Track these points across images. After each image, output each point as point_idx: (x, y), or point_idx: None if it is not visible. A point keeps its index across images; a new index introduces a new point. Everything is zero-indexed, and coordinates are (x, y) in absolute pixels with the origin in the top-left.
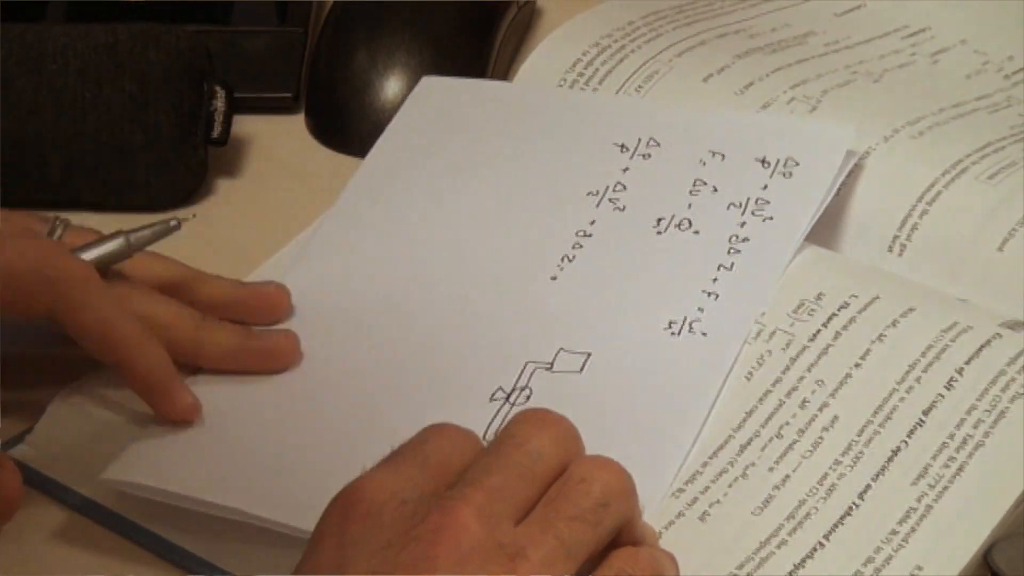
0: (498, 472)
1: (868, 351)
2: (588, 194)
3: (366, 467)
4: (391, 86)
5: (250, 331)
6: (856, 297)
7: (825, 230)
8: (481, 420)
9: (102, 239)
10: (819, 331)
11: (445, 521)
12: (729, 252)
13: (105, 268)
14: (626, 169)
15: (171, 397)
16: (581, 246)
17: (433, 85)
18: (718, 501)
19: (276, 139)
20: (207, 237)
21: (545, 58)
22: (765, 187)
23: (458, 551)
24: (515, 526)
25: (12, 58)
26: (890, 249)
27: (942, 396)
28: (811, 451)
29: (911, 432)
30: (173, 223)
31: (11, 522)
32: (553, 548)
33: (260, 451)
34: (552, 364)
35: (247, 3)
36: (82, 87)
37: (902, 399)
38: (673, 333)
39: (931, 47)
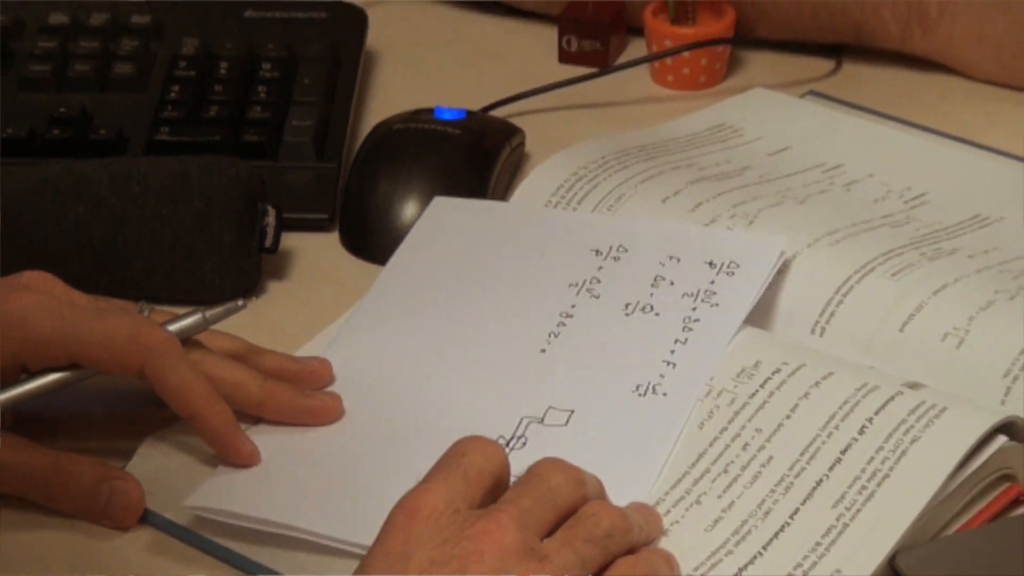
0: (528, 498)
1: (796, 405)
2: (570, 286)
3: (419, 476)
4: (409, 208)
5: (303, 391)
6: (786, 364)
7: (761, 316)
8: None
9: (183, 315)
10: (757, 391)
11: (491, 526)
12: (684, 330)
13: (184, 339)
14: (600, 268)
15: (235, 446)
16: (564, 325)
17: (443, 204)
18: (677, 521)
19: (315, 250)
20: (261, 325)
21: (535, 184)
22: (712, 282)
23: (501, 549)
24: (541, 541)
25: (104, 182)
26: (812, 331)
27: (856, 439)
28: (751, 483)
29: (831, 467)
30: (240, 303)
31: (112, 539)
32: (571, 559)
33: (311, 482)
34: (543, 418)
35: (291, 143)
36: (160, 205)
37: (824, 442)
38: (640, 394)
39: (845, 179)
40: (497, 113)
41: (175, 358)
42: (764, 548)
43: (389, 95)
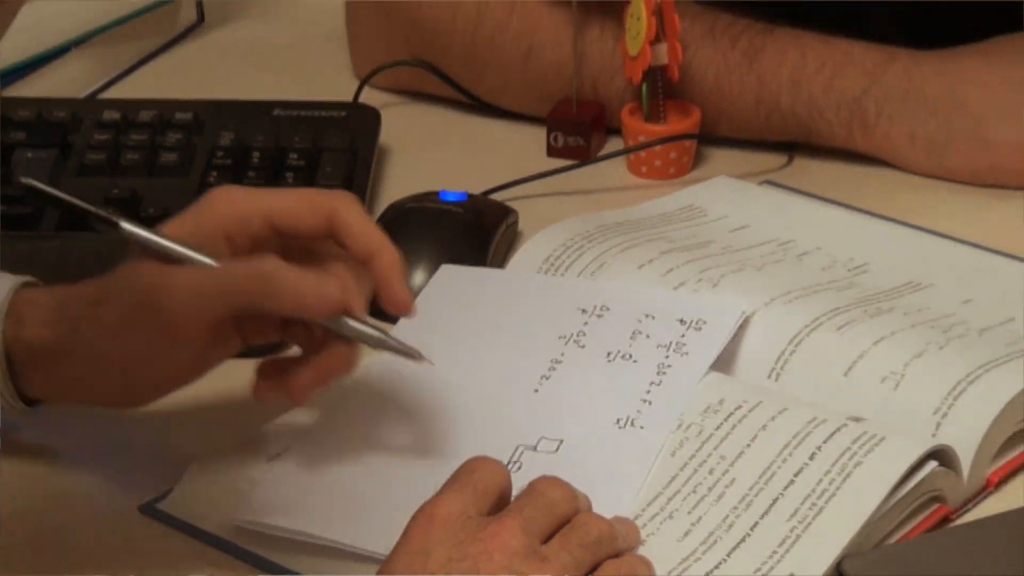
0: (530, 508)
1: (755, 436)
2: (559, 338)
3: (432, 492)
4: (419, 274)
5: None
6: (746, 402)
7: (725, 363)
8: None
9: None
10: (721, 424)
11: (499, 530)
12: (658, 374)
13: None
14: (585, 323)
15: (400, 289)
16: (555, 369)
17: (449, 271)
18: (653, 533)
19: None
20: None
21: (528, 254)
22: (683, 336)
23: (508, 550)
24: (541, 544)
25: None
26: (769, 376)
27: (807, 464)
28: (716, 500)
29: (786, 487)
30: (421, 357)
31: (157, 550)
32: (567, 561)
33: (339, 498)
34: (536, 447)
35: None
36: None
37: (779, 466)
38: (620, 427)
39: (796, 251)
40: (494, 197)
41: (359, 207)
42: (728, 555)
43: (400, 181)
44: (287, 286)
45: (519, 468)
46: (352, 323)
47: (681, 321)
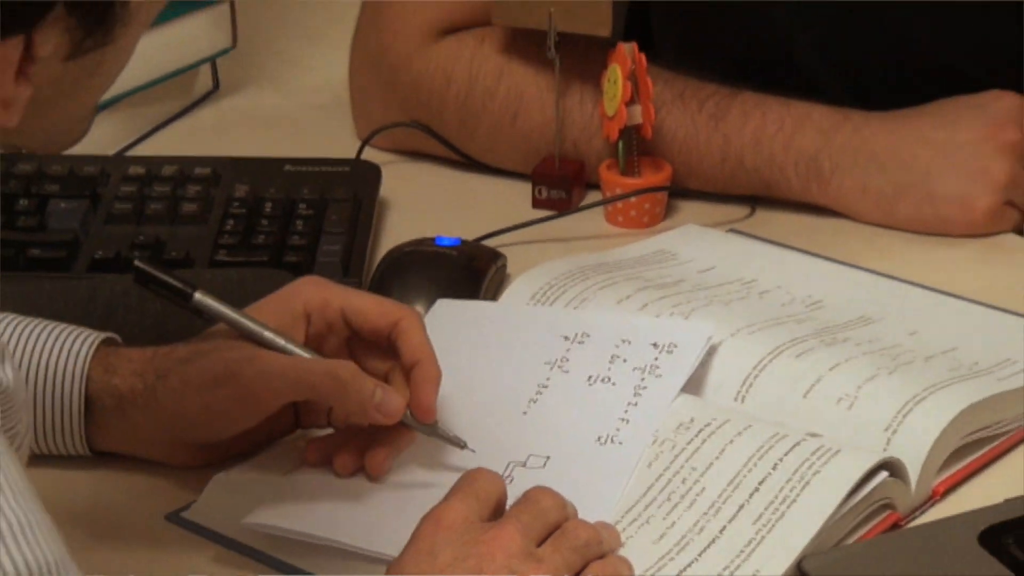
0: (526, 515)
1: (723, 449)
2: (545, 364)
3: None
4: (418, 308)
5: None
6: (715, 420)
7: (696, 387)
8: None
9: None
10: (692, 439)
11: (500, 534)
12: (635, 395)
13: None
14: (568, 350)
15: (431, 402)
16: (541, 393)
17: (445, 304)
18: (632, 536)
19: None
20: None
21: (516, 291)
22: (656, 359)
23: (508, 551)
24: (537, 547)
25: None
26: (735, 399)
27: (770, 473)
28: (688, 507)
29: (751, 495)
30: (462, 444)
31: (182, 554)
32: (559, 562)
33: (345, 503)
34: (525, 463)
35: (323, 263)
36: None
37: (745, 476)
38: (601, 443)
39: (758, 289)
40: (485, 243)
41: (420, 322)
42: (699, 555)
43: (399, 228)
44: (357, 393)
45: (511, 482)
46: (411, 418)
47: (655, 345)
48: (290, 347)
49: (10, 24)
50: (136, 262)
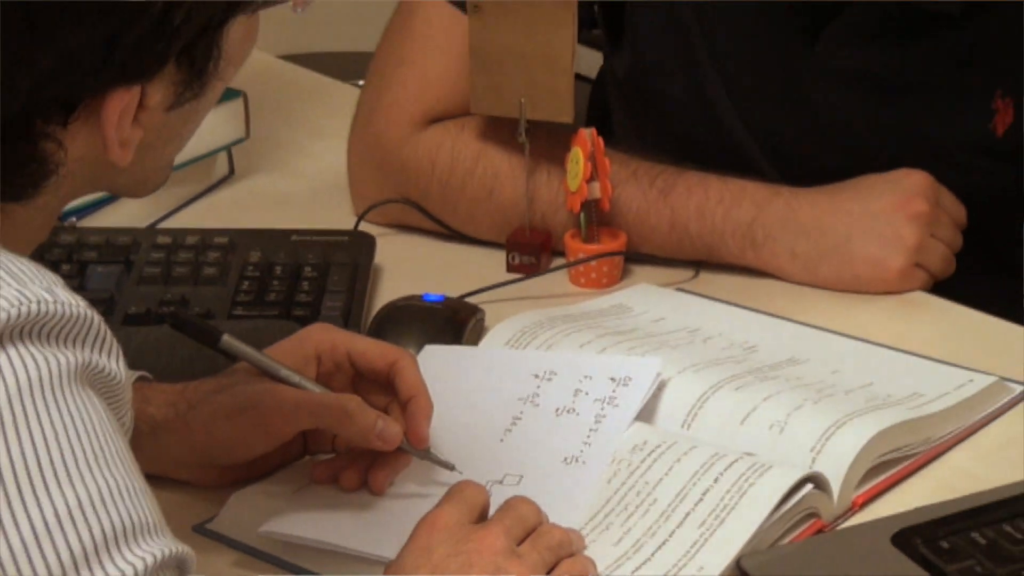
0: (508, 519)
1: (671, 467)
2: (518, 399)
3: (437, 504)
4: None
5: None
6: (664, 442)
7: (649, 416)
8: None
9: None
10: (645, 459)
11: (486, 535)
12: (596, 422)
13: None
14: (539, 386)
15: (425, 432)
16: (515, 424)
17: (432, 350)
18: (594, 541)
19: None
20: None
21: (492, 340)
22: (614, 391)
23: (493, 549)
24: (517, 546)
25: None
26: (682, 426)
27: (711, 486)
28: (642, 515)
29: (696, 504)
30: (450, 466)
31: (208, 560)
32: (536, 560)
33: (349, 513)
34: (502, 481)
35: (326, 316)
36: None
37: (690, 489)
38: (567, 463)
39: (702, 336)
40: (466, 299)
41: (414, 363)
42: (652, 555)
43: (392, 288)
44: (361, 423)
45: (490, 497)
46: (407, 444)
47: (612, 379)
48: (304, 383)
49: (134, 75)
50: (175, 311)
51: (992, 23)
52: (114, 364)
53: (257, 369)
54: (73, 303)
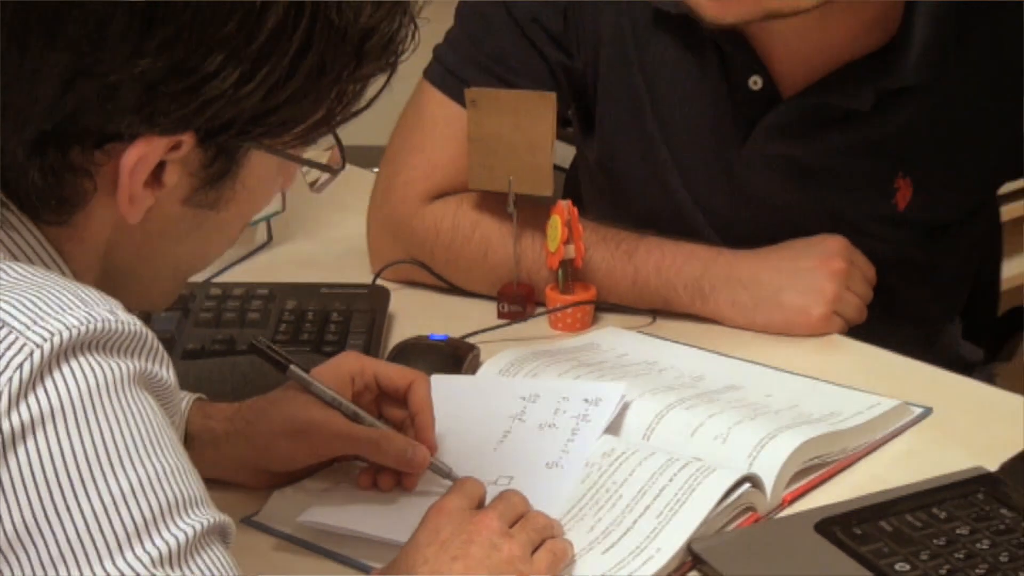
0: (501, 506)
1: (634, 470)
2: (508, 417)
3: (443, 495)
4: None
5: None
6: (628, 450)
7: (614, 431)
8: None
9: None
10: (612, 463)
11: (484, 518)
12: (572, 435)
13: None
14: (525, 406)
15: (424, 455)
16: (506, 436)
17: (437, 378)
18: (570, 528)
19: None
20: None
21: (486, 370)
22: (587, 410)
23: (489, 529)
24: (509, 528)
25: (250, 363)
26: (643, 437)
27: (667, 485)
28: (610, 509)
29: (654, 499)
30: (447, 471)
31: (255, 543)
32: (525, 539)
33: (374, 506)
34: (496, 482)
35: (353, 345)
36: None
37: (649, 487)
38: (549, 467)
39: (658, 368)
40: (465, 339)
41: (426, 384)
42: (618, 539)
43: (403, 330)
44: (391, 450)
45: (487, 493)
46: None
47: (585, 400)
48: (351, 407)
49: (159, 126)
50: (252, 341)
51: (895, 116)
52: (165, 372)
53: (313, 394)
54: (131, 322)
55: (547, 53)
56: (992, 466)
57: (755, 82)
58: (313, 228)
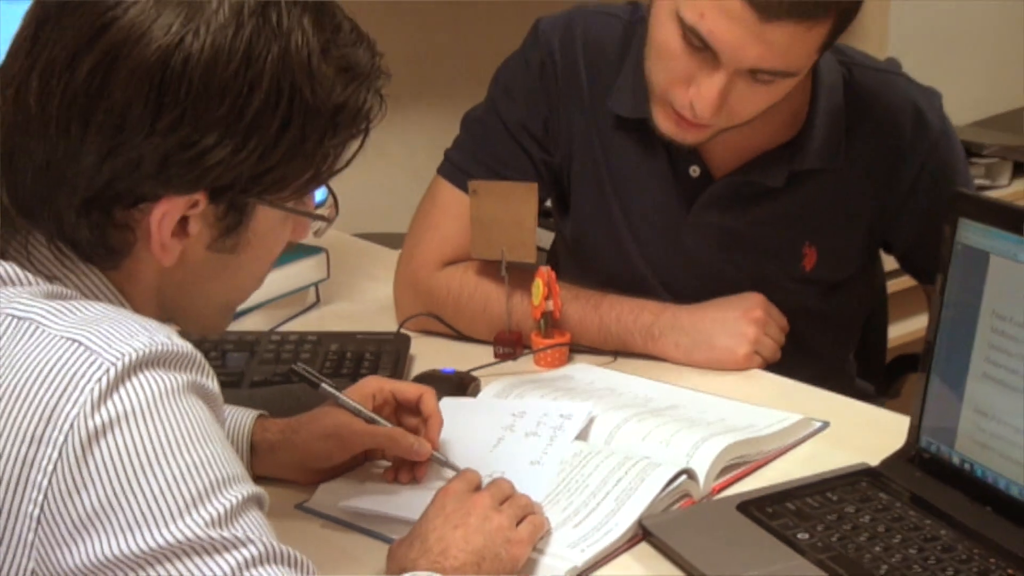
0: (493, 490)
1: (598, 465)
2: (501, 427)
3: (448, 481)
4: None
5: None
6: (593, 451)
7: (583, 436)
8: None
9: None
10: (581, 460)
11: (480, 498)
12: (550, 440)
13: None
14: (514, 420)
15: (426, 448)
16: (500, 442)
17: (447, 400)
18: (549, 509)
19: None
20: None
21: (486, 393)
22: (562, 424)
23: (483, 505)
24: (500, 506)
25: (302, 389)
26: (605, 442)
27: (623, 476)
28: (579, 494)
29: (613, 487)
30: (452, 465)
31: (306, 523)
32: (511, 513)
33: (398, 492)
34: (491, 476)
35: (374, 363)
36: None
37: (609, 478)
38: (533, 465)
39: (618, 392)
40: (469, 372)
41: (434, 396)
42: (585, 517)
43: (421, 365)
44: (403, 443)
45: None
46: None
47: (560, 415)
48: (375, 418)
49: (177, 188)
50: (292, 367)
51: (802, 193)
52: (211, 383)
53: (338, 405)
54: (184, 345)
55: (532, 152)
56: (874, 463)
57: (694, 170)
58: (350, 292)
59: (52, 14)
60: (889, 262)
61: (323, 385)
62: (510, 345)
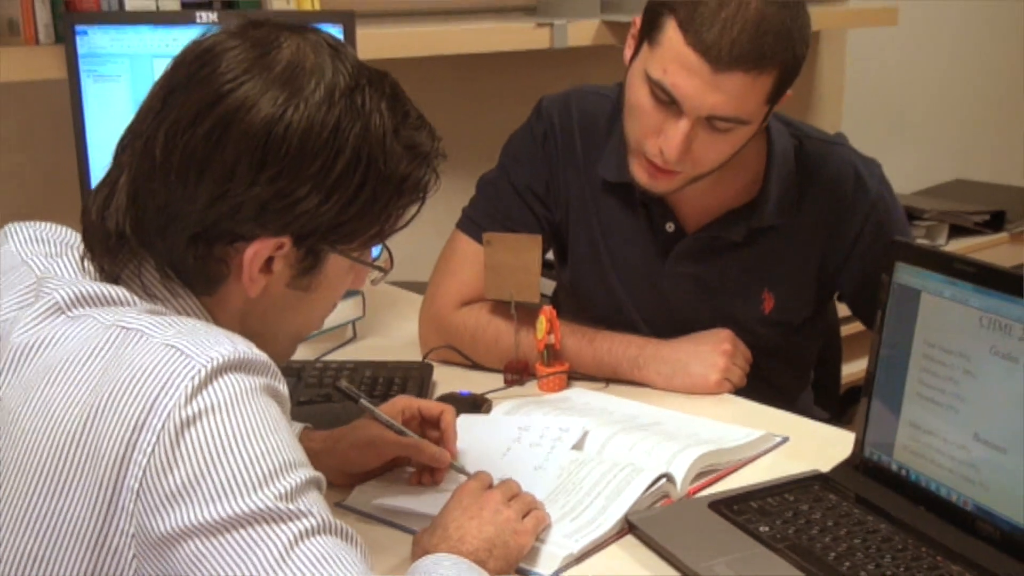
0: (502, 489)
1: (591, 470)
2: (510, 439)
3: (465, 480)
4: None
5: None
6: (587, 459)
7: (579, 446)
8: None
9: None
10: (577, 467)
11: (491, 495)
12: (551, 449)
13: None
14: (520, 433)
15: (445, 456)
16: (508, 451)
17: (464, 417)
18: (549, 507)
19: None
20: None
21: (496, 411)
22: (561, 435)
23: (494, 501)
24: (508, 503)
25: (343, 407)
26: (598, 452)
27: (613, 478)
28: (575, 494)
29: (603, 488)
30: (467, 471)
31: (344, 517)
32: (518, 509)
33: (424, 493)
34: (501, 479)
35: (402, 387)
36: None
37: (600, 480)
38: (536, 470)
39: (610, 410)
40: (483, 395)
41: (452, 412)
42: (580, 513)
43: (442, 388)
44: (427, 452)
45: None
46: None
47: (560, 429)
48: (403, 430)
49: (268, 230)
50: (336, 384)
51: (760, 247)
52: (282, 387)
53: (374, 418)
54: (261, 355)
55: (536, 209)
56: (825, 471)
57: (669, 226)
58: (382, 329)
59: (181, 84)
60: (843, 309)
61: (362, 400)
62: (518, 372)
